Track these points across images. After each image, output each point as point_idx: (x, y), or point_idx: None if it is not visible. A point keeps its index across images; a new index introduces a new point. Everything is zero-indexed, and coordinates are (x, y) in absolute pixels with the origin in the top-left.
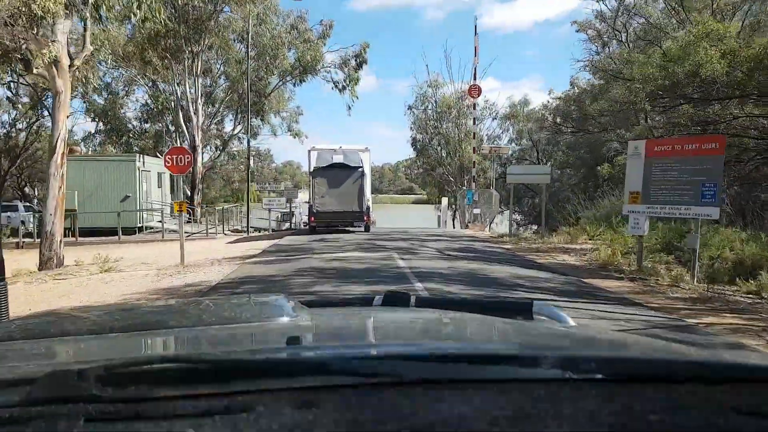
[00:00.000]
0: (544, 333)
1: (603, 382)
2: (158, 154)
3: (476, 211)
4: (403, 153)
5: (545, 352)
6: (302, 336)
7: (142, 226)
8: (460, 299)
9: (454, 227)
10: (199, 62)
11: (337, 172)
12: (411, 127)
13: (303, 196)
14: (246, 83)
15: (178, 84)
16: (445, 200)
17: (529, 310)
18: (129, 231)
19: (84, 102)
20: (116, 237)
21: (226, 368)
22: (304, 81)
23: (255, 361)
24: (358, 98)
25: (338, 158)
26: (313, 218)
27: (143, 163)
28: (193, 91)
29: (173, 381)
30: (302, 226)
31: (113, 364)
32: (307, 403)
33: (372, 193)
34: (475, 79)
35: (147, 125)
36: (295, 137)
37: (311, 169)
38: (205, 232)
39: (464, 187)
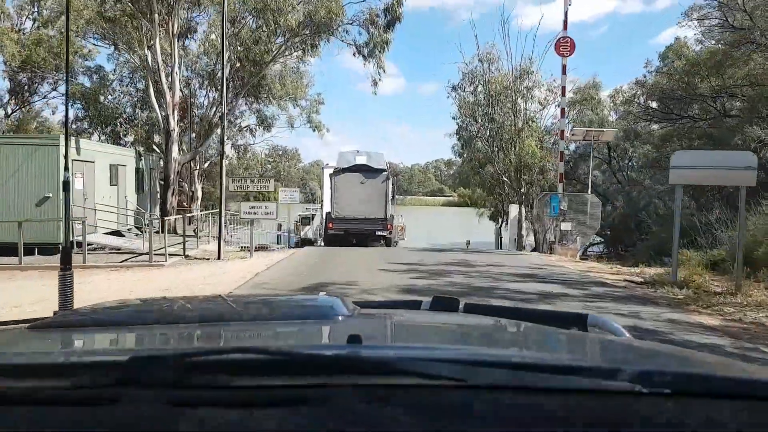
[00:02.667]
0: (605, 345)
1: (674, 396)
2: (155, 146)
3: (565, 226)
4: (433, 154)
5: (615, 364)
6: (362, 334)
7: (73, 242)
8: (510, 307)
9: (522, 247)
10: (176, 18)
11: (360, 175)
12: (455, 115)
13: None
14: (221, 26)
15: (149, 48)
16: (514, 208)
17: (584, 321)
18: (49, 249)
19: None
20: (31, 257)
21: (299, 362)
22: (316, 46)
23: (325, 356)
24: (384, 71)
25: (361, 159)
26: (331, 224)
27: (78, 149)
28: (162, 57)
29: (248, 371)
30: (315, 242)
31: (192, 352)
32: (379, 399)
33: (400, 195)
34: (565, 28)
35: (144, 113)
36: (315, 130)
37: (331, 172)
38: (149, 255)
39: (523, 190)
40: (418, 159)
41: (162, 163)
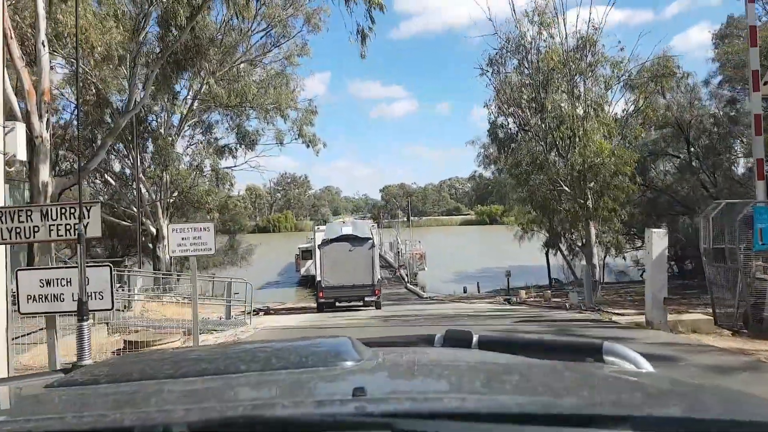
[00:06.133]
0: (615, 384)
1: None
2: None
3: None
4: (447, 173)
5: (620, 410)
6: (368, 386)
7: None
8: (525, 340)
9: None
10: None
11: (348, 244)
12: (489, 103)
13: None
14: None
15: None
16: (659, 238)
17: (599, 350)
18: None
19: None
20: None
21: (299, 424)
22: None
23: (323, 416)
24: (382, 10)
25: (347, 229)
26: (322, 293)
27: None
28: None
29: None
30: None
31: (196, 421)
32: None
33: (415, 216)
34: None
35: None
36: (308, 145)
37: (319, 243)
38: None
39: (590, 203)
40: (432, 178)
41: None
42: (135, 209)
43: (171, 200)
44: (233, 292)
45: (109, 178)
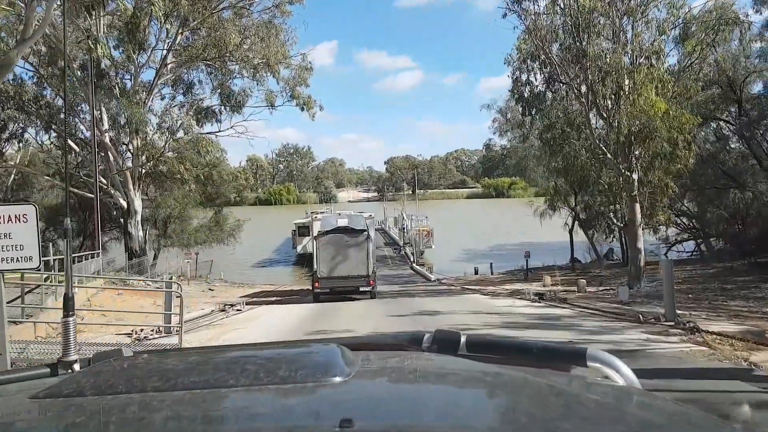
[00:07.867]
0: (593, 407)
1: None
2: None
3: None
4: (453, 145)
5: None
6: (355, 411)
7: None
8: (510, 343)
9: None
10: None
11: (343, 236)
12: (510, 58)
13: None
14: None
15: None
16: None
17: (583, 356)
18: None
19: None
20: None
21: None
22: None
23: None
24: None
25: (343, 222)
26: (318, 284)
27: None
28: None
29: None
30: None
31: None
32: None
33: (421, 189)
34: None
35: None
36: (303, 108)
37: (315, 234)
38: None
39: (636, 176)
40: (438, 151)
41: None
42: (102, 180)
43: (144, 170)
44: (165, 289)
45: (73, 144)
